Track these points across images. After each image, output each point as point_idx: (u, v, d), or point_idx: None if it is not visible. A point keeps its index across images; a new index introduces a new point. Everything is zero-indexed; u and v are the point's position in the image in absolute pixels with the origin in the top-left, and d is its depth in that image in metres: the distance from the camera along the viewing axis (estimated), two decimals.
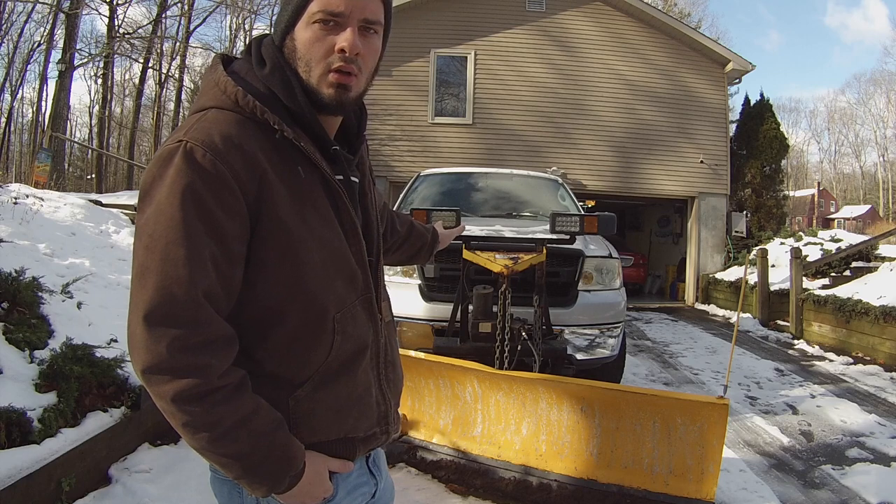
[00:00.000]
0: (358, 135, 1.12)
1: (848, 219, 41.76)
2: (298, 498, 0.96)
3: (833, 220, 41.84)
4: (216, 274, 0.88)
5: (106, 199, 9.67)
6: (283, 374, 0.97)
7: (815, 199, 46.80)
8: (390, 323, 1.16)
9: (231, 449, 0.88)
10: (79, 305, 3.55)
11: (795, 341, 7.60)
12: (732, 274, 11.25)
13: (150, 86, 23.42)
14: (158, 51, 21.51)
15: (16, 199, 6.04)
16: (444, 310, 3.55)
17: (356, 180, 1.09)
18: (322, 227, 0.97)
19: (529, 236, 3.60)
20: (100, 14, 19.21)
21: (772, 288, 9.10)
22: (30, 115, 27.95)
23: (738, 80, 13.17)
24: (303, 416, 0.98)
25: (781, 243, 10.92)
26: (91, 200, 8.43)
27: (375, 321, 1.07)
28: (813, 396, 4.98)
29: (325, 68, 0.95)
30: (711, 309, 11.28)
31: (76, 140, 26.19)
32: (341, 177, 1.02)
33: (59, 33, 17.70)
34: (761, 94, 14.69)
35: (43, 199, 6.95)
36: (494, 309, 3.14)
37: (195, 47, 23.22)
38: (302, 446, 0.96)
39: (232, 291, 0.92)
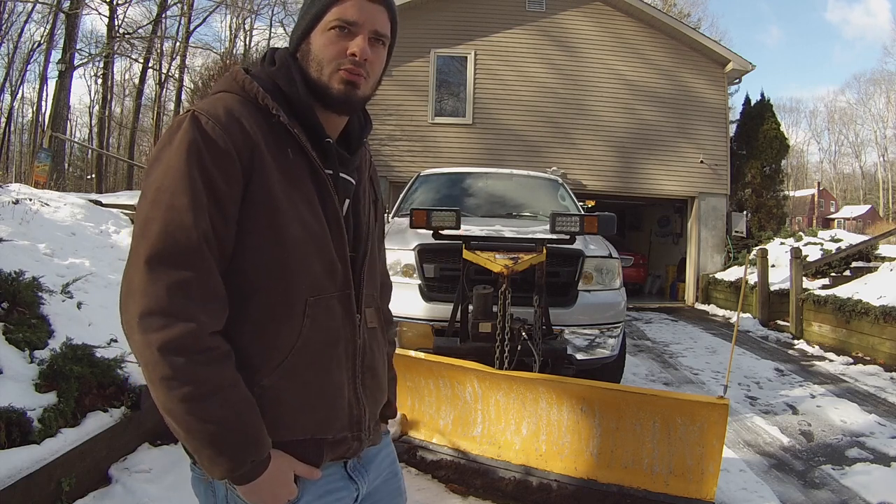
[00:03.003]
0: (359, 139, 1.17)
1: (848, 219, 41.75)
2: (259, 494, 0.96)
3: (833, 220, 41.83)
4: (212, 229, 0.94)
5: (106, 199, 9.67)
6: (253, 358, 0.98)
7: (815, 199, 46.78)
8: (375, 330, 1.17)
9: (203, 413, 0.89)
10: (79, 305, 3.55)
11: (795, 341, 7.60)
12: (732, 274, 11.25)
13: (150, 86, 23.44)
14: (158, 51, 21.52)
15: (16, 199, 6.04)
16: (444, 310, 3.55)
17: (350, 179, 1.13)
18: (304, 209, 1.02)
19: (529, 236, 3.60)
20: (100, 14, 19.25)
21: (772, 288, 9.10)
22: (30, 115, 27.97)
23: (738, 80, 13.17)
24: (269, 404, 0.98)
25: (781, 243, 10.92)
26: (91, 200, 8.42)
27: (353, 321, 1.08)
28: (813, 396, 4.98)
29: (335, 67, 1.04)
30: (711, 309, 11.28)
31: (76, 140, 26.18)
32: (331, 171, 1.07)
33: (59, 33, 17.69)
34: (761, 94, 14.69)
35: (42, 200, 6.95)
36: (494, 309, 3.14)
37: (195, 47, 23.20)
38: (270, 440, 0.96)
39: (225, 252, 0.97)
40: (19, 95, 26.50)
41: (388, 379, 1.26)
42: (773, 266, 9.64)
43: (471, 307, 3.31)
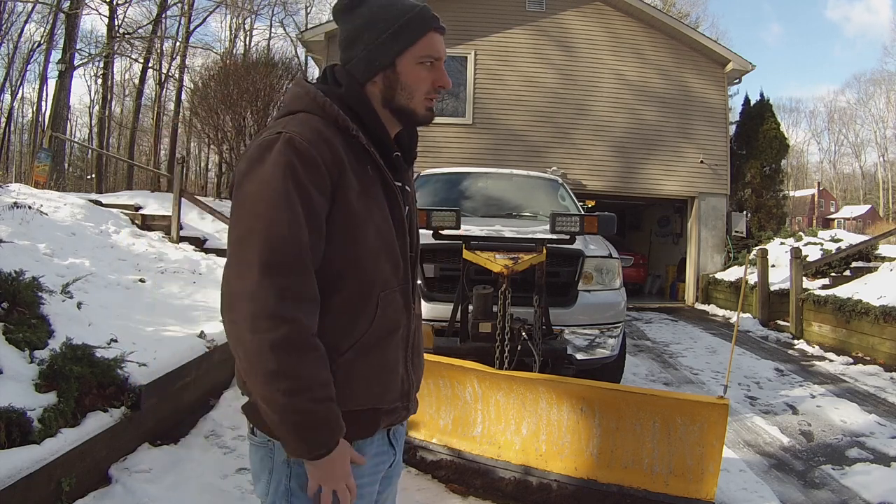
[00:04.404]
0: (411, 151, 1.32)
1: (848, 219, 41.73)
2: (322, 471, 1.09)
3: (833, 220, 41.81)
4: (315, 242, 1.07)
5: (106, 199, 9.68)
6: (334, 339, 1.12)
7: (815, 199, 46.76)
8: (419, 316, 1.33)
9: (298, 405, 1.02)
10: (79, 305, 3.55)
11: (795, 341, 7.60)
12: (732, 274, 11.24)
13: (150, 86, 23.41)
14: (158, 51, 21.50)
15: (16, 199, 6.04)
16: (444, 310, 3.55)
17: (408, 188, 1.29)
18: (379, 218, 1.16)
19: (529, 236, 3.60)
20: (100, 14, 19.24)
21: (772, 288, 9.10)
22: (30, 115, 27.95)
23: (738, 80, 13.16)
24: (344, 379, 1.13)
25: (781, 243, 10.92)
26: (91, 200, 8.43)
27: (409, 309, 1.25)
28: (813, 396, 4.98)
29: (424, 96, 1.21)
30: (711, 309, 11.28)
31: (76, 140, 26.17)
32: (400, 183, 1.23)
33: (59, 33, 17.69)
34: (761, 95, 14.67)
35: (42, 200, 6.95)
36: (494, 309, 3.14)
37: (195, 47, 23.19)
38: (344, 429, 1.09)
39: (317, 258, 1.09)
40: (19, 95, 26.52)
41: None
42: (773, 266, 9.64)
43: (471, 307, 3.31)
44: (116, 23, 18.57)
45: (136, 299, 4.47)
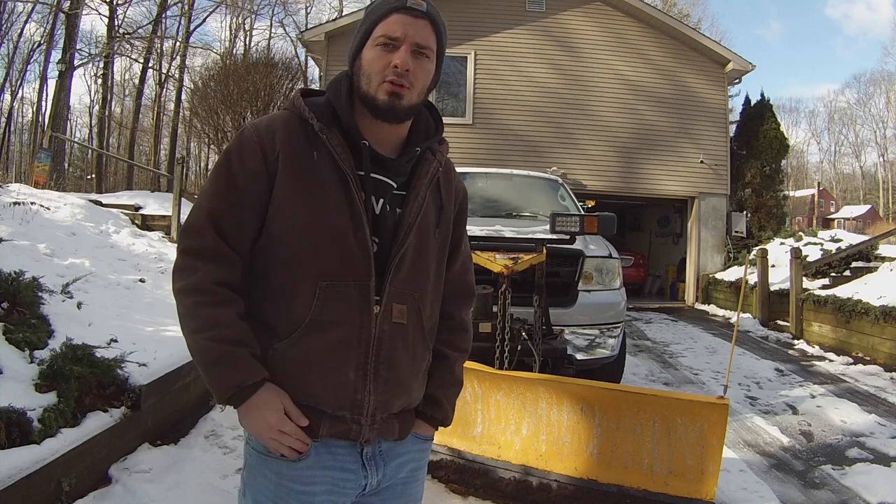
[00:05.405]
0: (414, 145, 1.25)
1: (848, 219, 41.73)
2: (249, 417, 1.10)
3: (833, 220, 41.79)
4: (229, 212, 1.14)
5: (106, 199, 9.67)
6: (271, 324, 1.14)
7: (815, 199, 46.74)
8: (403, 326, 1.18)
9: (202, 343, 1.08)
10: (79, 305, 3.55)
11: (795, 341, 7.60)
12: (732, 274, 11.24)
13: (150, 86, 23.41)
14: (158, 51, 21.50)
15: (16, 199, 6.04)
16: None
17: (386, 180, 1.20)
18: (326, 205, 1.13)
19: (529, 236, 3.60)
20: (100, 14, 19.21)
21: (772, 288, 9.10)
22: (30, 115, 27.92)
23: (738, 80, 13.16)
24: (278, 366, 1.12)
25: (781, 243, 10.92)
26: (91, 200, 8.43)
27: (369, 310, 1.14)
28: (813, 396, 4.98)
29: (381, 79, 1.16)
30: (711, 309, 11.28)
31: (76, 140, 26.16)
32: (363, 172, 1.17)
33: (59, 33, 17.69)
34: (761, 95, 14.68)
35: (42, 200, 6.95)
36: (494, 309, 3.14)
37: (195, 47, 23.22)
38: (262, 371, 1.10)
39: (243, 231, 1.15)
40: (19, 95, 26.50)
41: (447, 383, 1.34)
42: (773, 266, 9.64)
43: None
44: (116, 23, 18.56)
45: (136, 299, 4.47)
